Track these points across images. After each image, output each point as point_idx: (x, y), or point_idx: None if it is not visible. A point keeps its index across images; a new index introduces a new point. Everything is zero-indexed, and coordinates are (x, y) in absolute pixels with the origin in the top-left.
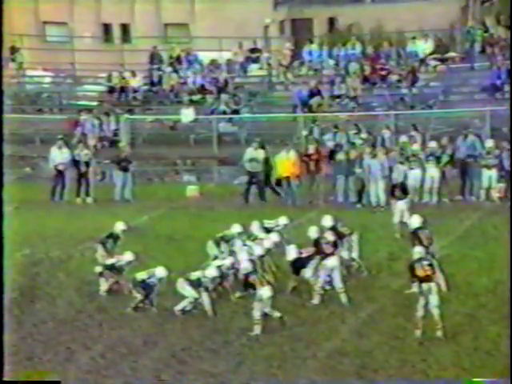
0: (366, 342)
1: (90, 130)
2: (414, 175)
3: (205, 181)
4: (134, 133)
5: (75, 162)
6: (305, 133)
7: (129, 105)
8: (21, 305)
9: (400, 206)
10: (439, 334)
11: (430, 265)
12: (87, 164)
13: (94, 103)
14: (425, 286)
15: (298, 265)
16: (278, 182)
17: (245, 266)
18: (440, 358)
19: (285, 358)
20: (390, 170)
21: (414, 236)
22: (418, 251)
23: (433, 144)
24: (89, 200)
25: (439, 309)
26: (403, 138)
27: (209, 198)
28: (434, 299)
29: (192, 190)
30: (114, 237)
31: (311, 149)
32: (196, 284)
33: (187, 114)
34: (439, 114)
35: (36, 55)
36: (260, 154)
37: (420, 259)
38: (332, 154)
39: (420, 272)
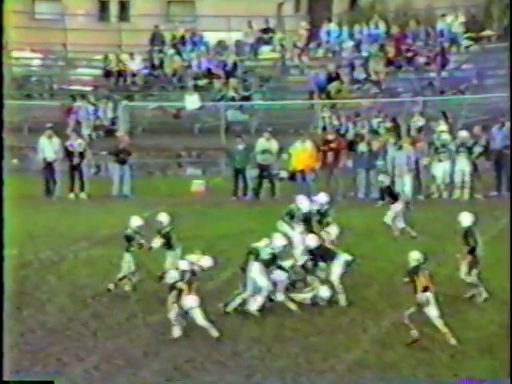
0: (391, 354)
1: (85, 117)
2: (441, 168)
3: (211, 174)
4: (133, 121)
5: (68, 153)
6: (322, 121)
7: (127, 90)
8: (6, 311)
9: (396, 206)
10: (453, 341)
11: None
12: (81, 155)
13: (89, 88)
14: (423, 296)
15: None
16: (292, 176)
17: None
18: (474, 374)
19: (300, 370)
20: (417, 162)
21: (466, 235)
22: (414, 258)
23: (464, 133)
24: (83, 195)
25: (441, 318)
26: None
27: (216, 193)
28: (433, 311)
29: (197, 185)
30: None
31: (330, 136)
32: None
33: (192, 101)
34: (472, 99)
35: (24, 34)
36: (273, 145)
37: (418, 266)
38: (352, 145)
39: (421, 281)
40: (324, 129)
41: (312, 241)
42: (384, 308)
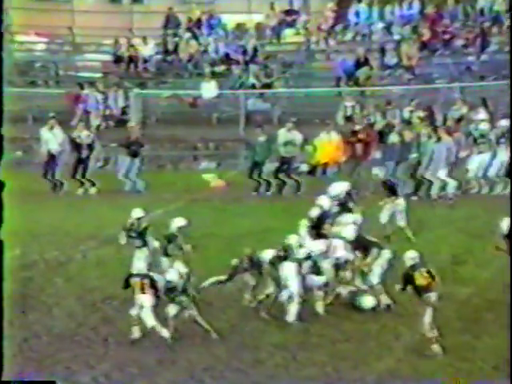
0: (426, 363)
1: (94, 106)
2: (478, 161)
3: (230, 168)
4: (145, 111)
5: (76, 145)
6: (343, 111)
7: (139, 77)
8: (9, 315)
9: (400, 202)
10: (437, 350)
11: (428, 271)
12: (90, 147)
13: (98, 75)
14: (426, 296)
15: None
16: (312, 170)
17: None
18: None
19: (327, 380)
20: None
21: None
22: (410, 257)
23: (505, 122)
24: (92, 190)
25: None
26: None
27: (235, 187)
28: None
29: (215, 179)
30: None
31: (357, 126)
32: None
33: (209, 89)
34: None
35: (27, 16)
36: (296, 136)
37: (414, 265)
38: (381, 136)
39: (421, 280)
40: (347, 119)
41: (350, 232)
42: (419, 313)
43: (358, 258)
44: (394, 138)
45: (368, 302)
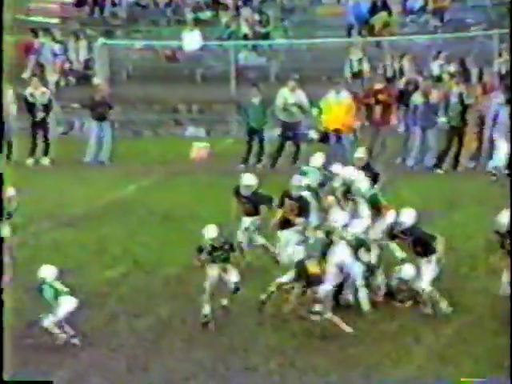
0: (453, 371)
1: (50, 59)
2: None
3: (218, 135)
4: (113, 65)
5: (28, 106)
6: (349, 66)
7: (106, 24)
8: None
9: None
10: None
11: None
12: (46, 108)
13: (55, 20)
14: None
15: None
16: (324, 138)
17: None
18: None
19: None
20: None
21: None
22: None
23: None
24: (45, 161)
25: None
26: None
27: (223, 159)
28: None
29: (199, 149)
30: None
31: (378, 85)
32: None
33: (192, 40)
34: None
35: None
36: (301, 97)
37: None
38: (402, 96)
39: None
40: (354, 76)
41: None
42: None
43: None
44: (417, 97)
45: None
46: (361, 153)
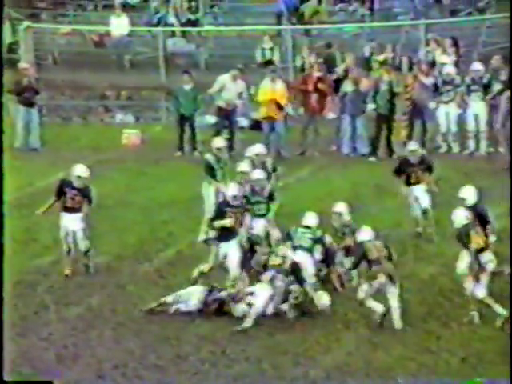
0: (382, 357)
1: None
2: (445, 112)
3: (148, 121)
4: (40, 49)
5: None
6: (261, 55)
7: (31, 7)
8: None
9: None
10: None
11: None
12: None
13: None
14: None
15: None
16: (255, 125)
17: None
18: None
19: (263, 378)
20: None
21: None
22: (462, 215)
23: (477, 66)
24: None
25: None
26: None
27: (154, 146)
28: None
29: (129, 136)
30: None
31: (317, 73)
32: None
33: (120, 25)
34: (495, 21)
35: None
36: (241, 86)
37: (468, 225)
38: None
39: (477, 239)
40: (266, 64)
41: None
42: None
43: None
44: (347, 85)
45: None
46: (414, 145)
